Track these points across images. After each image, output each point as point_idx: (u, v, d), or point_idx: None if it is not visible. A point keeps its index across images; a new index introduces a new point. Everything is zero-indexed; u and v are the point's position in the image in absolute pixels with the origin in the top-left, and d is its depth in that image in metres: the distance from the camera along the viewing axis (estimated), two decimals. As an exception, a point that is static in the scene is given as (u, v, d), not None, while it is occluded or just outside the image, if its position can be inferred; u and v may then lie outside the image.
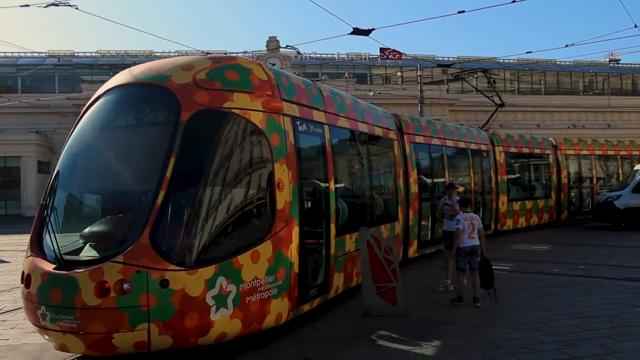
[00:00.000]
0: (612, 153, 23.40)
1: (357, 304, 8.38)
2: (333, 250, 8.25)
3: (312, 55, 42.60)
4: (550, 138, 21.85)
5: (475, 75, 27.42)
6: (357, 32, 14.68)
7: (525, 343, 6.50)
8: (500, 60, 45.55)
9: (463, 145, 16.00)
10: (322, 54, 44.58)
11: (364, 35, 14.81)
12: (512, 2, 13.91)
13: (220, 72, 6.86)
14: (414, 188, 12.66)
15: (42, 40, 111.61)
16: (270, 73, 7.39)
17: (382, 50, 30.43)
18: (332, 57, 45.76)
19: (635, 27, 16.91)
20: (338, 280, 8.50)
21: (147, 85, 6.77)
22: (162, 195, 5.84)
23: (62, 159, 6.91)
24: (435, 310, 8.27)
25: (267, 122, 6.90)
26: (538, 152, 20.56)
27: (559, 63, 49.64)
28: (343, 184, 9.45)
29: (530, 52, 49.38)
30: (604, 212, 19.43)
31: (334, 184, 8.48)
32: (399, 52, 30.56)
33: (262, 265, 6.47)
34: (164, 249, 5.72)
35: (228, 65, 7.07)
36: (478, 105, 44.27)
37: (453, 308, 8.39)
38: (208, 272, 5.89)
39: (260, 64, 7.42)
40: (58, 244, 5.90)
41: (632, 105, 48.71)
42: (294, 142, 7.37)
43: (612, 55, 51.51)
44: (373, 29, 14.79)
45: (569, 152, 21.75)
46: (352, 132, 9.83)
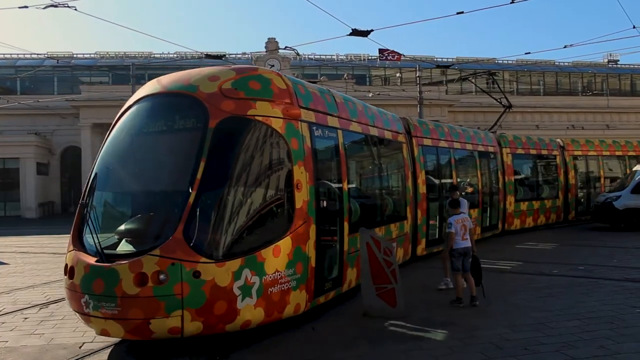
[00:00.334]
0: (619, 154, 23.52)
1: (356, 305, 8.38)
2: (346, 247, 8.75)
3: (311, 57, 42.54)
4: (558, 139, 22.16)
5: (475, 78, 27.71)
6: (356, 33, 14.71)
7: (525, 344, 6.49)
8: (499, 61, 45.58)
9: (470, 147, 16.39)
10: (321, 55, 44.50)
11: (363, 36, 14.85)
12: (510, 2, 13.93)
13: (244, 82, 7.46)
14: (422, 189, 13.09)
15: (41, 42, 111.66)
16: (289, 82, 7.99)
17: (381, 51, 30.41)
18: (331, 58, 45.72)
19: (634, 27, 16.97)
20: (351, 275, 8.97)
21: (177, 95, 7.39)
22: (193, 195, 6.43)
23: (98, 162, 7.51)
24: (435, 311, 8.26)
25: (286, 127, 7.49)
26: (545, 153, 20.85)
27: (558, 64, 49.67)
28: (355, 185, 10.07)
29: (529, 52, 49.47)
30: (603, 212, 19.43)
31: (347, 185, 9.05)
32: (398, 53, 30.55)
33: (282, 259, 7.03)
34: (196, 244, 6.27)
35: (251, 76, 7.66)
36: (477, 106, 44.39)
37: (453, 309, 8.39)
38: (235, 264, 6.46)
39: (280, 74, 8.05)
40: (99, 240, 6.47)
41: (630, 106, 48.76)
42: (311, 146, 7.96)
43: (610, 56, 51.57)
44: (372, 30, 14.83)
45: (576, 153, 22.05)
46: (363, 135, 10.42)
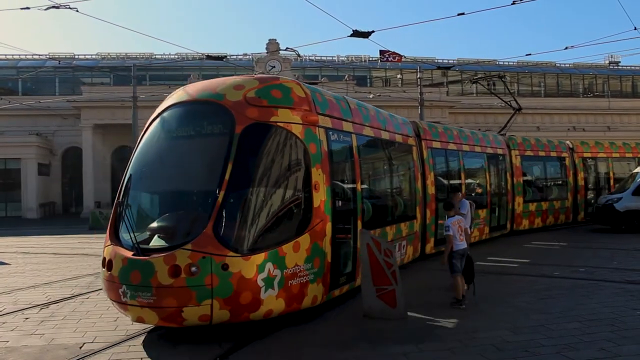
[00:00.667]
0: (630, 155, 23.64)
1: (356, 306, 8.37)
2: (359, 243, 8.95)
3: (312, 58, 42.52)
4: (567, 141, 22.47)
5: (487, 81, 28.32)
6: (356, 34, 14.72)
7: (526, 346, 6.48)
8: (500, 63, 45.58)
9: (479, 150, 16.85)
10: (322, 56, 44.44)
11: (364, 38, 14.86)
12: (512, 4, 13.93)
13: (267, 90, 8.03)
14: (431, 189, 13.58)
15: (42, 43, 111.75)
16: (308, 91, 8.55)
17: (382, 53, 30.40)
18: (332, 59, 45.74)
19: (635, 29, 16.98)
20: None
21: (205, 103, 7.98)
22: (221, 195, 6.99)
23: (132, 164, 8.11)
24: (436, 312, 8.25)
25: (305, 133, 8.05)
26: (554, 155, 21.20)
27: (559, 65, 49.60)
28: (368, 186, 10.60)
29: (530, 54, 49.60)
30: (604, 214, 19.40)
31: (360, 186, 9.63)
32: (399, 54, 30.54)
33: (301, 254, 7.59)
34: (224, 239, 6.84)
35: (273, 85, 8.24)
36: (478, 108, 44.45)
37: (453, 310, 8.37)
38: (259, 258, 7.01)
39: (299, 83, 8.65)
40: (135, 236, 7.05)
41: (632, 108, 48.74)
42: (327, 149, 8.53)
43: (612, 58, 51.51)
44: (373, 32, 14.84)
45: (586, 154, 22.38)
46: (375, 139, 10.99)
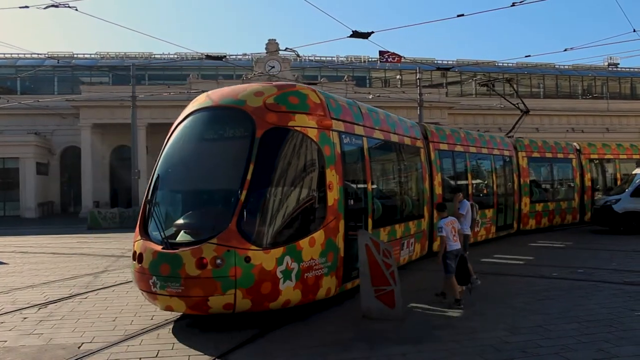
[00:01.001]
0: (637, 157, 23.75)
1: (355, 306, 8.37)
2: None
3: (311, 58, 42.48)
4: (574, 143, 22.89)
5: (483, 82, 28.49)
6: (356, 35, 14.70)
7: (524, 347, 6.49)
8: (500, 64, 45.60)
9: (486, 151, 17.35)
10: (321, 57, 44.40)
11: (363, 38, 14.84)
12: (511, 5, 13.93)
13: (285, 97, 8.57)
14: (438, 190, 14.12)
15: (41, 42, 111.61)
16: (322, 97, 9.11)
17: (381, 53, 30.45)
18: (331, 59, 45.71)
19: (634, 31, 16.95)
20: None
21: (228, 108, 8.55)
22: (244, 194, 7.55)
23: (160, 165, 8.64)
24: (434, 313, 8.27)
25: (320, 136, 8.62)
26: (561, 156, 21.64)
27: (558, 67, 49.66)
28: (378, 186, 11.18)
29: (529, 55, 49.37)
30: (603, 216, 19.42)
31: (371, 186, 10.28)
32: (398, 55, 30.59)
33: (316, 249, 8.13)
34: (247, 234, 7.39)
35: (290, 92, 8.79)
36: (477, 109, 44.49)
37: (452, 311, 8.38)
38: (278, 252, 7.58)
39: (315, 90, 9.18)
40: (165, 231, 7.64)
41: (630, 109, 48.79)
42: (340, 151, 9.08)
43: (611, 59, 51.56)
44: (372, 32, 14.81)
45: (593, 156, 22.84)
46: (385, 142, 11.57)
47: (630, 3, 45.97)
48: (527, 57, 30.26)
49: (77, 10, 13.82)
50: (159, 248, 7.55)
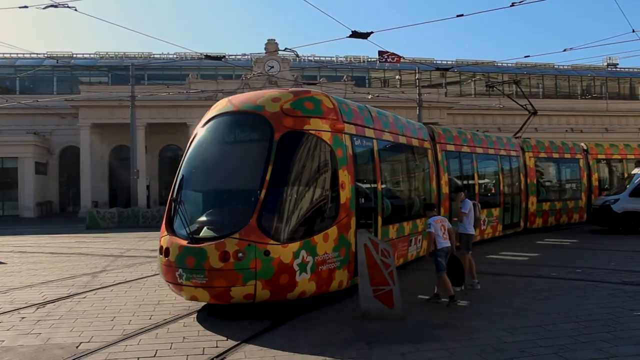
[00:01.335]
0: None
1: (354, 306, 8.36)
2: (380, 236, 10.35)
3: (310, 58, 42.48)
4: (582, 143, 23.23)
5: (490, 83, 29.33)
6: (355, 35, 14.70)
7: (523, 347, 6.49)
8: (499, 64, 45.60)
9: (492, 152, 17.84)
10: (320, 57, 44.39)
11: (363, 38, 14.84)
12: (510, 5, 13.93)
13: (300, 102, 9.15)
14: (445, 189, 14.58)
15: (40, 42, 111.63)
16: (335, 102, 9.67)
17: (380, 54, 30.48)
18: (330, 59, 45.73)
19: (633, 31, 16.96)
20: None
21: (248, 113, 9.15)
22: (263, 193, 8.13)
23: (184, 166, 9.28)
24: (433, 313, 8.26)
25: (333, 139, 9.19)
26: (568, 156, 21.97)
27: (557, 67, 49.70)
28: (387, 185, 11.66)
29: (529, 56, 49.35)
30: (602, 216, 19.44)
31: (381, 185, 10.82)
32: (398, 55, 30.62)
33: (330, 244, 8.67)
34: (266, 230, 7.97)
35: (305, 97, 9.39)
36: (476, 109, 44.51)
37: (451, 310, 8.39)
38: (295, 246, 8.15)
39: (328, 96, 9.74)
40: (190, 227, 8.24)
41: (629, 109, 48.83)
42: (352, 153, 9.64)
43: (610, 60, 51.62)
44: (372, 32, 14.81)
45: (600, 156, 23.18)
46: (394, 143, 12.16)
47: (630, 3, 46.11)
48: (526, 57, 30.30)
49: (76, 10, 13.84)
50: (185, 243, 8.13)
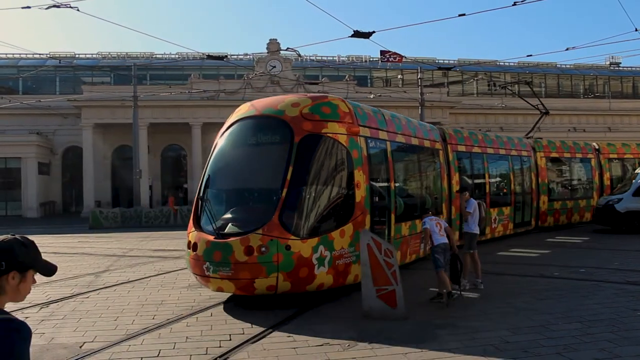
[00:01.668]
0: None
1: (356, 306, 8.36)
2: (393, 233, 11.09)
3: (312, 58, 42.36)
4: (594, 143, 23.44)
5: (513, 85, 30.01)
6: (357, 34, 14.68)
7: (526, 346, 6.48)
8: (501, 63, 45.54)
9: (503, 152, 18.25)
10: (322, 57, 44.26)
11: (365, 38, 14.81)
12: (513, 4, 13.89)
13: (318, 107, 9.76)
14: (456, 188, 14.79)
15: (43, 42, 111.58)
16: (351, 106, 10.27)
17: (382, 53, 30.40)
18: (332, 59, 45.61)
19: (636, 30, 16.86)
20: (396, 256, 10.59)
21: (269, 117, 9.76)
22: (284, 192, 8.73)
23: (210, 166, 9.88)
24: (436, 313, 8.26)
25: (349, 142, 9.77)
26: (580, 156, 22.27)
27: (560, 66, 49.57)
28: (400, 185, 12.30)
29: (531, 55, 49.41)
30: (605, 215, 19.39)
31: (394, 184, 11.43)
32: (400, 54, 30.54)
33: (346, 240, 9.21)
34: (287, 226, 8.56)
35: (323, 102, 9.97)
36: (478, 108, 44.43)
37: (453, 310, 8.38)
38: (314, 241, 8.77)
39: (344, 100, 10.33)
40: (216, 224, 8.85)
41: (632, 109, 48.68)
42: (367, 154, 10.25)
43: (612, 59, 51.40)
44: (374, 32, 14.78)
45: (612, 155, 23.36)
46: (406, 145, 12.72)
47: (632, 2, 45.94)
48: (528, 56, 30.30)
49: (78, 11, 13.84)
50: (212, 238, 8.73)
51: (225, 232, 8.75)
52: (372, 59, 43.88)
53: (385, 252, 7.95)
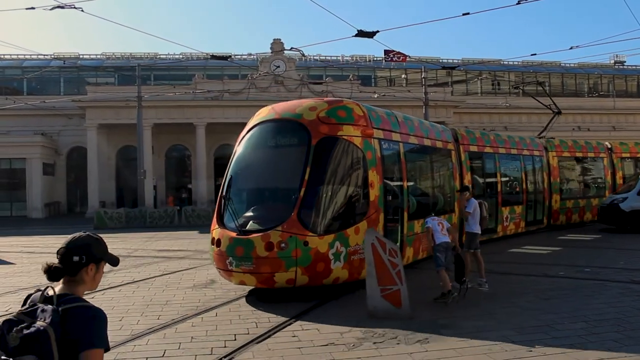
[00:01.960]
0: None
1: (361, 306, 8.36)
2: (406, 230, 11.49)
3: (316, 58, 42.40)
4: (606, 142, 23.62)
5: (516, 85, 30.71)
6: (361, 34, 14.68)
7: (531, 346, 6.46)
8: (505, 62, 45.43)
9: (515, 152, 18.61)
10: (326, 56, 44.28)
11: (369, 38, 14.81)
12: (517, 3, 13.86)
13: (334, 111, 10.25)
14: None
15: (47, 43, 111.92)
16: (365, 110, 10.76)
17: (386, 53, 30.35)
18: (336, 59, 45.60)
19: (641, 28, 16.82)
20: (409, 252, 11.66)
21: (288, 121, 10.28)
22: (302, 191, 9.25)
23: (232, 167, 10.42)
24: (440, 312, 8.25)
25: (364, 144, 10.26)
26: (592, 155, 22.53)
27: (564, 65, 49.41)
28: (413, 184, 12.70)
29: (535, 54, 49.12)
30: (610, 214, 19.33)
31: (407, 184, 11.85)
32: (404, 54, 30.51)
33: (361, 236, 9.38)
34: (305, 223, 9.12)
35: (338, 107, 10.47)
36: (483, 107, 44.32)
37: (458, 310, 8.37)
38: (330, 238, 9.30)
39: (359, 104, 10.86)
40: (238, 221, 9.45)
41: (637, 107, 48.40)
42: (380, 155, 10.71)
43: (617, 57, 51.20)
44: (377, 31, 14.78)
45: (625, 155, 23.56)
46: (419, 146, 13.14)
47: (637, 1, 45.59)
48: (532, 55, 30.16)
49: (82, 11, 13.87)
50: (234, 234, 9.30)
51: (247, 229, 9.30)
52: (376, 59, 43.81)
53: (390, 251, 7.94)
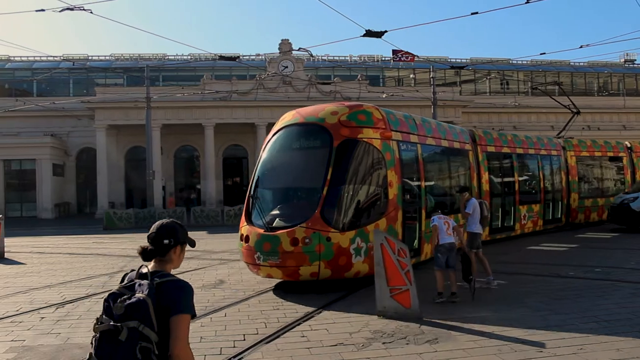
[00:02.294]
0: None
1: (370, 306, 8.33)
2: (423, 228, 11.84)
3: (324, 58, 42.36)
4: (626, 142, 23.80)
5: (534, 85, 30.81)
6: (369, 34, 14.65)
7: (541, 346, 6.42)
8: (514, 62, 45.22)
9: (532, 152, 18.90)
10: (334, 56, 44.25)
11: (377, 37, 14.78)
12: (525, 2, 13.79)
13: (355, 115, 10.87)
14: (485, 187, 15.96)
15: (57, 44, 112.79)
16: (384, 113, 11.34)
17: (394, 52, 30.27)
18: (344, 59, 45.56)
19: (652, 27, 16.69)
20: (427, 249, 11.90)
21: (312, 124, 10.92)
22: (325, 190, 9.89)
23: (259, 168, 11.20)
24: (450, 312, 8.21)
25: (383, 145, 10.87)
26: (611, 154, 22.67)
27: (573, 64, 49.11)
28: (430, 183, 13.20)
29: (544, 53, 48.84)
30: (620, 214, 19.20)
31: (424, 183, 12.42)
32: (412, 54, 30.43)
33: None
34: (328, 220, 9.74)
35: (359, 111, 11.06)
36: (491, 107, 44.11)
37: (467, 310, 8.33)
38: (351, 234, 9.89)
39: (378, 108, 11.40)
40: (265, 219, 10.16)
41: (648, 106, 48.04)
42: (399, 157, 11.30)
43: (627, 56, 50.82)
44: (386, 31, 14.74)
45: None
46: (436, 147, 13.70)
47: (647, -1, 45.06)
48: (542, 54, 29.91)
49: (92, 13, 13.93)
50: (262, 231, 9.94)
51: (274, 226, 9.95)
52: (384, 59, 43.74)
53: (399, 252, 7.92)
